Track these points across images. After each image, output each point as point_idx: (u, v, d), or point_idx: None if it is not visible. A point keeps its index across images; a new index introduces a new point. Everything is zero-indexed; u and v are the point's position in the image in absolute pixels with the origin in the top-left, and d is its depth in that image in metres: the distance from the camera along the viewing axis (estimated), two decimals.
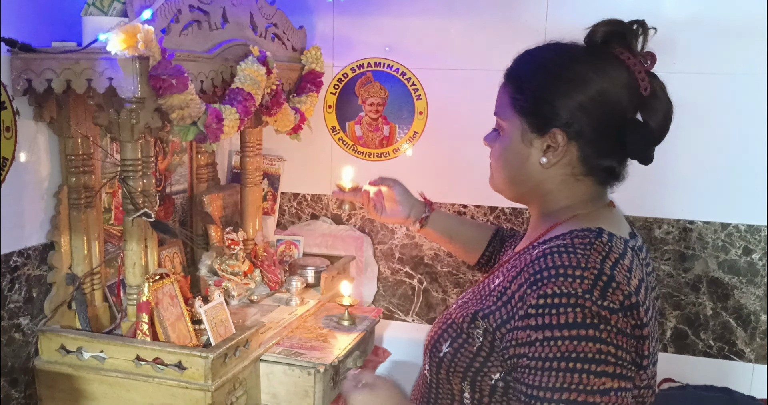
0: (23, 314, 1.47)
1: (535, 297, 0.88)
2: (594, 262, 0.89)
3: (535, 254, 0.94)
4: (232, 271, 1.88)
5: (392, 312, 2.27)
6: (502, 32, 2.01)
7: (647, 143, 0.99)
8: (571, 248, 0.91)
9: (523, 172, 1.03)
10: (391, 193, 1.45)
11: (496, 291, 0.97)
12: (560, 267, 0.88)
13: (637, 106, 0.98)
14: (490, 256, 1.44)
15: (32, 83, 1.34)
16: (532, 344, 0.87)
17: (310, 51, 1.97)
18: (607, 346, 0.85)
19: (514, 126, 1.02)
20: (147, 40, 1.24)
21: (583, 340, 0.84)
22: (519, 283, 0.92)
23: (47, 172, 1.50)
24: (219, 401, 1.41)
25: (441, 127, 2.13)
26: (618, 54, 0.97)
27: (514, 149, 1.02)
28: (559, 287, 0.87)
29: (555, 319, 0.86)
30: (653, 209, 1.97)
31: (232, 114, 1.48)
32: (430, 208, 1.46)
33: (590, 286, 0.86)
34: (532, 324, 0.88)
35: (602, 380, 0.84)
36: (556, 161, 0.99)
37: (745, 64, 1.86)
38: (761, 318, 1.95)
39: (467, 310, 1.00)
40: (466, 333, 0.98)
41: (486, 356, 0.95)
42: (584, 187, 1.02)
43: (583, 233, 0.96)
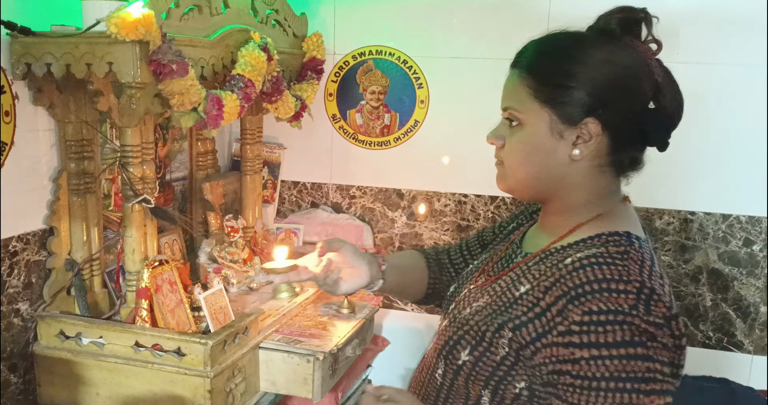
0: (22, 300, 1.47)
1: (579, 313, 0.86)
2: (634, 273, 0.88)
3: (569, 264, 0.92)
4: (231, 259, 1.88)
5: (392, 301, 2.27)
6: (505, 20, 2.00)
7: (668, 129, 0.98)
8: (609, 259, 0.89)
9: (550, 167, 0.98)
10: (343, 256, 1.19)
11: (525, 300, 0.94)
12: (602, 281, 0.87)
13: (654, 93, 0.97)
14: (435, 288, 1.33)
15: (32, 67, 1.33)
16: (576, 362, 0.86)
17: (312, 38, 1.95)
18: (655, 364, 0.84)
19: (540, 119, 0.96)
20: (147, 24, 1.23)
21: (633, 358, 0.83)
22: (555, 295, 0.89)
23: (46, 157, 1.49)
24: (218, 388, 1.41)
25: (442, 116, 2.13)
26: (629, 41, 0.96)
27: (539, 143, 0.97)
28: (604, 303, 0.85)
29: (602, 337, 0.84)
30: (654, 200, 1.97)
31: (233, 100, 1.48)
32: (383, 258, 1.25)
33: (635, 300, 0.85)
34: (576, 342, 0.86)
35: (651, 398, 0.84)
36: (588, 152, 0.95)
37: (747, 55, 1.85)
38: (761, 309, 1.95)
39: (490, 318, 0.96)
40: (488, 342, 0.95)
41: (510, 365, 0.93)
42: (606, 179, 0.99)
43: (614, 239, 0.95)
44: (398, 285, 1.28)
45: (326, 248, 1.19)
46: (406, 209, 2.20)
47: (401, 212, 2.21)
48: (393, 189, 2.21)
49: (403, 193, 2.20)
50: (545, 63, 0.98)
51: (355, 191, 2.25)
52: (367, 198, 2.23)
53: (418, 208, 2.17)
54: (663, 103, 0.97)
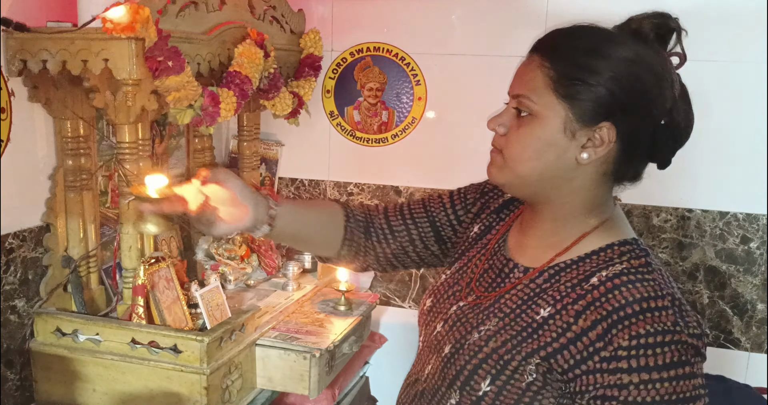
0: (19, 296, 1.47)
1: (627, 338, 0.84)
2: (663, 286, 0.88)
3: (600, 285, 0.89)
4: (228, 256, 1.88)
5: (389, 298, 2.27)
6: (503, 17, 1.99)
7: (676, 147, 0.95)
8: (640, 275, 0.89)
9: (558, 167, 0.92)
10: (224, 192, 0.98)
11: (553, 326, 0.90)
12: (642, 301, 0.85)
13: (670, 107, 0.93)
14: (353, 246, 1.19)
15: (27, 64, 1.33)
16: (624, 388, 0.84)
17: (309, 35, 1.95)
18: (698, 379, 0.84)
19: (555, 113, 0.90)
20: (143, 21, 1.23)
21: (681, 379, 0.83)
22: (592, 320, 0.87)
23: (43, 153, 1.49)
24: (214, 384, 1.41)
25: (440, 113, 2.12)
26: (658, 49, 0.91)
27: (550, 139, 0.90)
28: (651, 325, 0.83)
29: (652, 361, 0.83)
30: (651, 197, 1.97)
31: (229, 97, 1.48)
32: (275, 202, 1.06)
33: (675, 315, 0.85)
34: (624, 367, 0.84)
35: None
36: (597, 158, 0.90)
37: (746, 52, 1.84)
38: (758, 307, 1.95)
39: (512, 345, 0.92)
40: (511, 370, 0.91)
41: (537, 390, 0.91)
42: (606, 187, 0.96)
43: (626, 249, 0.93)
44: (294, 236, 1.13)
45: (210, 179, 0.98)
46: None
47: None
48: (391, 186, 2.21)
49: (400, 190, 2.20)
50: (572, 55, 0.90)
51: (352, 188, 2.25)
52: (365, 195, 2.23)
53: None
54: (676, 119, 0.93)
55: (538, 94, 0.91)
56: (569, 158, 0.91)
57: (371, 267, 1.24)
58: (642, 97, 0.89)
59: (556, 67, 0.90)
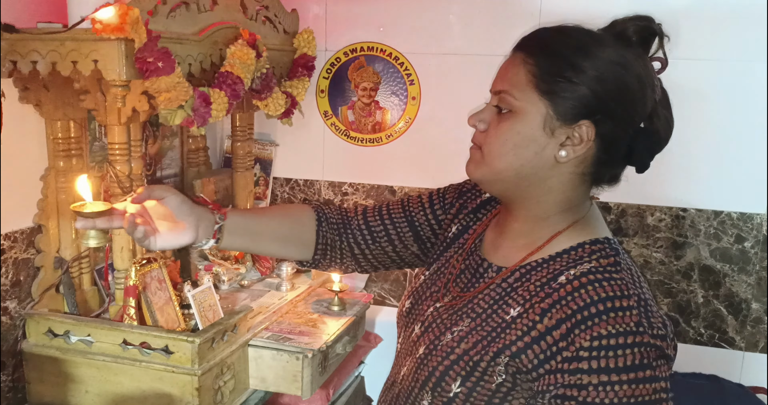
0: (10, 298, 1.47)
1: (588, 339, 0.83)
2: (630, 286, 0.87)
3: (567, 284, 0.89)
4: (222, 256, 1.87)
5: (384, 298, 2.27)
6: (496, 17, 1.99)
7: (654, 152, 0.95)
8: (607, 274, 0.88)
9: (534, 165, 0.92)
10: (163, 208, 1.00)
11: (520, 324, 0.90)
12: (606, 300, 0.85)
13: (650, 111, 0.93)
14: (327, 249, 1.20)
15: (17, 65, 1.32)
16: (583, 388, 0.83)
17: (302, 34, 1.95)
18: (659, 383, 0.83)
19: (536, 109, 0.90)
20: (133, 21, 1.22)
21: (641, 382, 0.82)
22: (557, 318, 0.86)
23: (34, 155, 1.49)
24: (206, 385, 1.41)
25: (434, 113, 2.12)
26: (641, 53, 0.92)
27: (530, 135, 0.91)
28: (613, 326, 0.83)
29: (612, 362, 0.82)
30: (645, 196, 1.96)
31: (221, 97, 1.47)
32: (222, 215, 1.06)
33: (639, 315, 0.84)
34: (584, 368, 0.83)
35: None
36: (575, 157, 0.91)
37: (743, 51, 1.84)
38: (752, 306, 1.95)
39: (482, 346, 0.92)
40: (481, 370, 0.91)
41: (507, 391, 0.90)
42: (582, 188, 0.96)
43: (596, 248, 0.93)
44: (249, 247, 1.13)
45: (145, 195, 0.99)
46: None
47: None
48: (385, 186, 2.21)
49: (395, 189, 2.20)
50: (556, 52, 0.91)
51: (347, 188, 2.25)
52: (360, 195, 2.23)
53: None
54: (656, 124, 0.93)
55: (519, 90, 0.91)
56: (547, 156, 0.92)
57: (351, 269, 1.25)
58: (623, 99, 0.90)
59: (540, 63, 0.90)
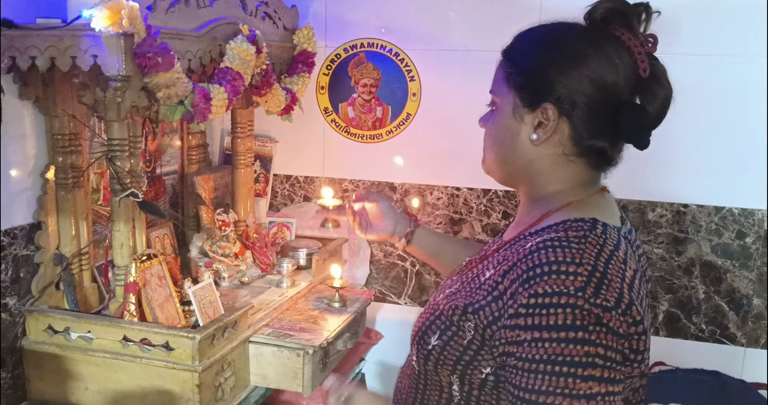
0: (10, 294, 1.46)
1: (526, 296, 0.85)
2: (588, 257, 0.86)
3: (528, 248, 0.91)
4: (222, 253, 1.87)
5: (385, 295, 2.26)
6: (497, 13, 1.99)
7: (642, 127, 0.96)
8: (565, 242, 0.88)
9: (514, 150, 1.00)
10: (377, 208, 1.43)
11: (486, 285, 0.94)
12: (553, 263, 0.86)
13: (634, 89, 0.96)
14: None
15: (16, 61, 1.32)
16: (520, 344, 0.85)
17: (302, 31, 1.94)
18: (596, 348, 0.82)
19: (507, 101, 1.00)
20: (132, 17, 1.21)
21: (572, 342, 0.82)
22: (511, 278, 0.90)
23: (33, 151, 1.49)
24: (206, 382, 1.40)
25: (434, 109, 2.12)
26: (619, 34, 0.95)
27: (506, 125, 1.00)
28: (550, 286, 0.84)
29: (545, 320, 0.83)
30: (647, 192, 1.96)
31: (221, 93, 1.47)
32: (416, 224, 1.44)
33: (584, 283, 0.83)
34: (521, 324, 0.85)
35: (589, 385, 0.82)
36: (546, 138, 0.97)
37: (744, 47, 1.84)
38: (753, 302, 1.95)
39: (456, 302, 0.97)
40: (456, 326, 0.95)
41: (476, 350, 0.93)
42: (576, 170, 0.99)
43: (577, 225, 0.93)
44: (428, 254, 1.44)
45: (363, 197, 1.45)
46: (398, 202, 2.20)
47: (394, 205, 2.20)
48: (386, 182, 2.20)
49: (395, 186, 2.20)
50: (519, 47, 1.01)
51: (347, 184, 2.24)
52: (360, 191, 2.23)
53: (410, 202, 2.17)
54: (644, 99, 0.96)
55: (499, 88, 1.02)
56: (523, 141, 0.99)
57: None
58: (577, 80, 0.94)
59: (507, 59, 1.01)
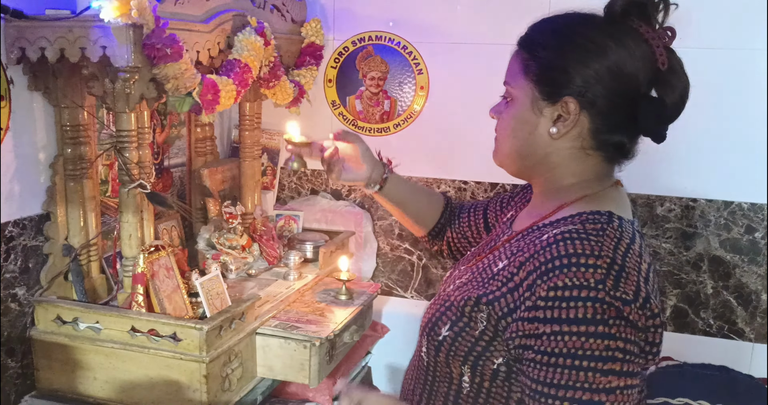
0: (19, 284, 1.47)
1: (546, 288, 0.85)
2: (608, 250, 0.86)
3: (545, 240, 0.91)
4: (230, 245, 1.87)
5: (391, 288, 2.26)
6: (506, 5, 1.98)
7: (661, 120, 0.96)
8: (584, 235, 0.88)
9: (531, 143, 1.00)
10: (354, 151, 1.32)
11: (501, 275, 0.94)
12: (572, 256, 0.85)
13: (653, 81, 0.95)
14: (441, 229, 1.41)
15: (26, 52, 1.32)
16: (539, 337, 0.85)
17: (310, 23, 1.94)
18: (616, 342, 0.82)
19: (525, 94, 0.99)
20: (141, 7, 1.22)
21: (592, 336, 0.82)
22: (528, 270, 0.89)
23: (43, 142, 1.49)
24: (214, 373, 1.41)
25: (442, 102, 2.11)
26: (637, 27, 0.94)
27: (523, 118, 0.99)
28: (570, 279, 0.84)
29: (564, 313, 0.83)
30: (655, 187, 1.95)
31: (229, 85, 1.47)
32: (389, 170, 1.35)
33: (603, 275, 0.83)
34: (540, 316, 0.85)
35: (608, 379, 0.82)
36: (566, 131, 0.96)
37: (747, 39, 1.82)
38: (762, 297, 1.94)
39: (468, 293, 0.97)
40: (467, 317, 0.95)
41: (489, 341, 0.93)
42: (592, 163, 0.99)
43: (593, 217, 0.93)
44: (397, 203, 1.38)
45: (341, 137, 1.32)
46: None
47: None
48: None
49: None
50: (538, 39, 0.99)
51: None
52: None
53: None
54: (663, 93, 0.96)
55: (515, 80, 1.01)
56: (542, 134, 0.99)
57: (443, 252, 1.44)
58: (599, 74, 0.93)
59: (525, 51, 1.00)
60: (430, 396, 1.04)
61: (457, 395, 0.99)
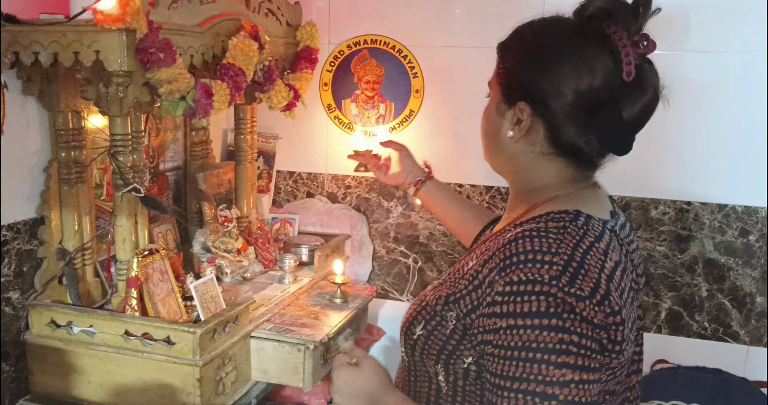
0: (13, 288, 1.47)
1: (502, 284, 0.86)
2: (566, 247, 0.87)
3: (507, 238, 0.92)
4: (225, 249, 1.87)
5: (387, 291, 2.27)
6: (501, 9, 1.99)
7: (617, 132, 0.93)
8: (544, 232, 0.89)
9: (498, 144, 1.04)
10: (396, 155, 1.59)
11: (468, 274, 0.95)
12: (530, 252, 0.86)
13: (615, 92, 0.91)
14: None
15: (19, 56, 1.32)
16: (496, 332, 0.86)
17: (305, 27, 1.94)
18: (570, 336, 0.82)
19: (494, 96, 1.04)
20: (134, 12, 1.22)
21: (545, 329, 0.82)
22: (490, 267, 0.91)
23: (37, 146, 1.49)
24: (207, 376, 1.41)
25: (437, 106, 2.12)
26: (610, 33, 0.91)
27: (491, 119, 1.04)
28: (525, 274, 0.85)
29: (519, 307, 0.84)
30: (650, 189, 1.96)
31: (223, 89, 1.47)
32: (428, 176, 1.54)
33: (558, 272, 0.84)
34: (497, 311, 0.86)
35: (562, 371, 0.82)
36: (520, 136, 0.98)
37: (746, 43, 1.83)
38: (757, 300, 1.94)
39: (440, 292, 0.98)
40: (439, 315, 0.96)
41: (459, 340, 0.94)
42: (557, 167, 0.99)
43: (558, 216, 0.93)
44: (437, 207, 1.55)
45: (387, 144, 1.63)
46: (401, 199, 2.20)
47: (396, 202, 2.20)
48: None
49: None
50: (507, 43, 1.03)
51: (350, 181, 2.24)
52: (363, 188, 2.23)
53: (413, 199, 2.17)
54: (621, 105, 0.92)
55: (492, 84, 1.06)
56: (503, 137, 1.01)
57: None
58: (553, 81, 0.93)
59: (498, 56, 1.04)
60: (414, 395, 1.05)
61: (438, 394, 1.01)
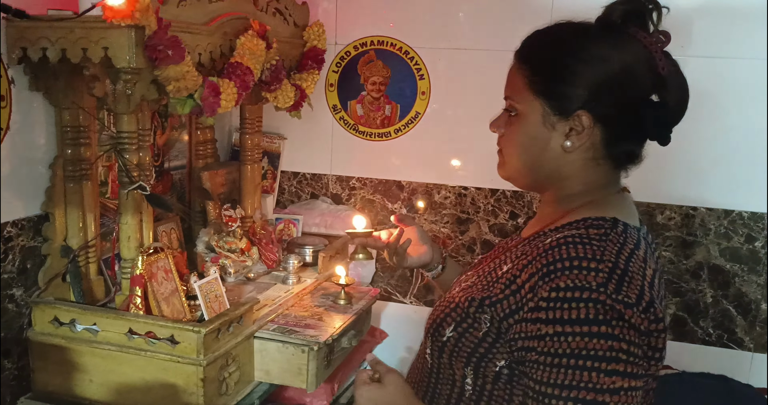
0: (17, 285, 1.47)
1: (547, 290, 0.85)
2: (610, 254, 0.87)
3: (548, 243, 0.91)
4: (229, 248, 1.87)
5: (390, 293, 2.26)
6: (508, 11, 1.98)
7: (667, 123, 0.97)
8: (587, 239, 0.89)
9: (543, 158, 0.99)
10: (413, 235, 1.33)
11: (504, 278, 0.94)
12: (574, 259, 0.86)
13: (653, 86, 0.96)
14: None
15: (27, 52, 1.32)
16: (541, 338, 0.85)
17: (313, 28, 1.94)
18: (619, 343, 0.82)
19: (534, 109, 0.97)
20: (143, 9, 1.22)
21: (595, 336, 0.82)
22: (530, 272, 0.90)
23: (43, 142, 1.49)
24: (211, 376, 1.40)
25: (443, 108, 2.11)
26: (634, 33, 0.95)
27: (533, 133, 0.98)
28: (572, 281, 0.84)
29: (566, 314, 0.83)
30: (656, 195, 1.95)
31: (230, 87, 1.47)
32: (447, 251, 1.39)
33: (605, 279, 0.84)
34: (542, 317, 0.85)
35: (612, 379, 0.82)
36: (580, 144, 0.96)
37: (748, 49, 1.82)
38: (762, 307, 1.93)
39: (473, 294, 0.97)
40: (471, 317, 0.96)
41: (492, 342, 0.93)
42: (602, 171, 0.99)
43: (598, 222, 0.94)
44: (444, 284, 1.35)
45: (399, 220, 1.33)
46: (405, 201, 2.19)
47: (401, 204, 2.20)
48: (393, 180, 2.20)
49: (403, 184, 2.19)
50: (540, 53, 0.98)
51: (355, 182, 2.24)
52: (367, 189, 2.22)
53: (418, 201, 2.16)
54: (665, 96, 0.96)
55: (519, 94, 0.99)
56: (554, 149, 0.98)
57: None
58: (610, 86, 0.93)
59: (529, 65, 0.98)
60: (432, 398, 1.04)
61: (459, 398, 0.99)
